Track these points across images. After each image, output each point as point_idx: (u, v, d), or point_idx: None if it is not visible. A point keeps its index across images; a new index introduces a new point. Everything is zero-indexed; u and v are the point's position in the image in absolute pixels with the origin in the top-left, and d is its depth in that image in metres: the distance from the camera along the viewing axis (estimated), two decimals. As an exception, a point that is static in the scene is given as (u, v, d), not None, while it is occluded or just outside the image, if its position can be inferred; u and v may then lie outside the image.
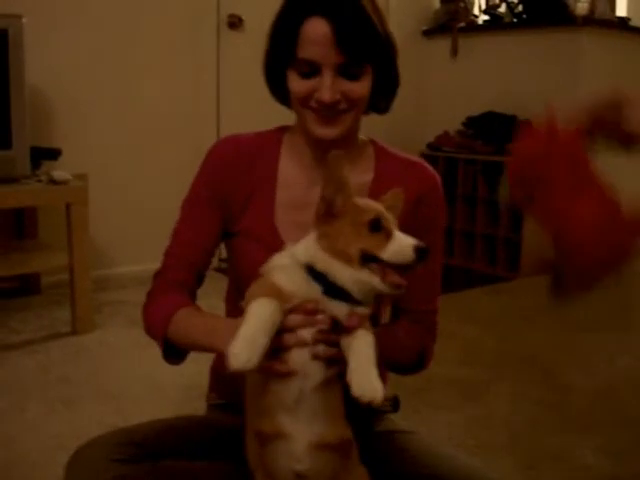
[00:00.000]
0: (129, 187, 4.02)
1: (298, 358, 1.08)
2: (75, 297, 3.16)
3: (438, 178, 1.40)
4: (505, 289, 4.26)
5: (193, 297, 1.38)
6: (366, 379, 1.01)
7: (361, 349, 1.05)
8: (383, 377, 1.46)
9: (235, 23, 4.27)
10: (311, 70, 1.24)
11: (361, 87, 1.26)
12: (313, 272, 1.08)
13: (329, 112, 1.26)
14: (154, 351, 1.33)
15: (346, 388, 1.03)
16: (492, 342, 3.27)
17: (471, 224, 4.77)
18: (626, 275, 0.95)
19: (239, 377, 1.15)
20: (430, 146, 5.02)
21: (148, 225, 4.03)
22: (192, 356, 1.34)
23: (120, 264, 4.00)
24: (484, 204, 4.69)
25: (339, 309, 1.08)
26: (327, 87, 1.23)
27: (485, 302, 3.98)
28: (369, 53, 1.25)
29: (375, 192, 1.33)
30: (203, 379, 1.55)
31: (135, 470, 1.18)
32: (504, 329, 3.48)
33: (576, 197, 0.96)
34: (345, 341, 1.07)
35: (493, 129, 4.75)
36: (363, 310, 1.09)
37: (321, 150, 1.33)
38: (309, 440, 1.09)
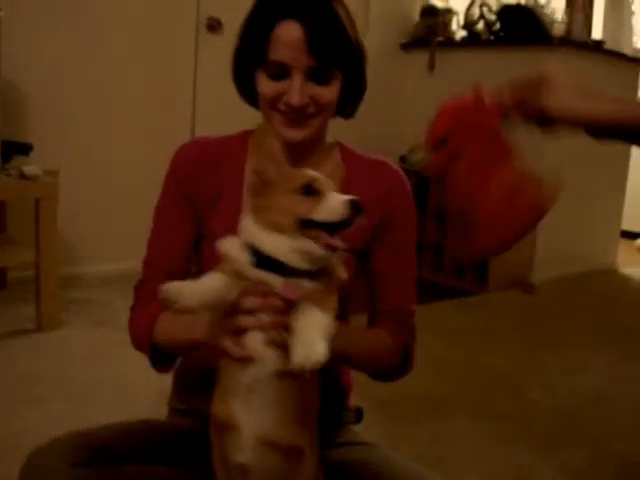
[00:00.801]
0: (101, 185, 3.99)
1: (252, 343, 1.06)
2: (41, 294, 3.13)
3: (404, 177, 1.41)
4: (473, 303, 4.28)
5: None
6: (308, 344, 0.97)
7: (305, 318, 1.01)
8: (347, 385, 1.47)
9: (214, 26, 4.27)
10: (281, 72, 1.24)
11: (330, 92, 1.27)
12: (251, 248, 1.07)
13: (297, 115, 1.26)
14: (119, 352, 1.33)
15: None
16: (458, 356, 3.28)
17: (441, 237, 4.79)
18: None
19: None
20: (403, 159, 5.04)
21: (118, 224, 4.01)
22: (158, 358, 1.33)
23: (89, 262, 3.97)
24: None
25: (275, 282, 1.05)
26: (296, 90, 1.23)
27: (452, 315, 4.00)
28: (340, 58, 1.25)
29: (343, 191, 1.34)
30: (167, 383, 1.54)
31: (94, 475, 1.16)
32: (471, 343, 3.50)
33: (487, 169, 0.98)
34: (292, 318, 1.03)
35: (466, 145, 4.78)
36: (306, 284, 1.05)
37: (290, 150, 1.34)
38: (255, 433, 1.07)
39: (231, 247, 1.09)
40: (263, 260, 1.05)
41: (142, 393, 2.55)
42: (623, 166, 5.48)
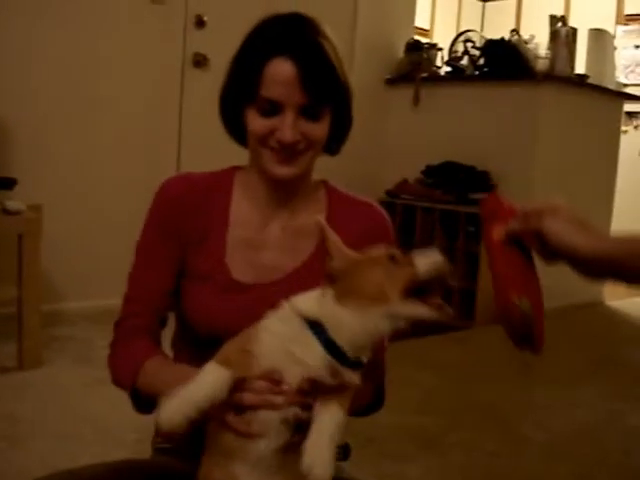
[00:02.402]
0: (84, 221, 3.97)
1: (266, 418, 1.05)
2: (23, 331, 3.08)
3: (387, 217, 1.40)
4: (461, 338, 4.26)
5: (157, 342, 1.35)
6: (319, 457, 0.98)
7: (326, 424, 1.02)
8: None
9: (200, 61, 4.28)
10: (272, 109, 1.23)
11: (321, 128, 1.27)
12: (317, 328, 1.05)
13: (288, 152, 1.25)
14: (102, 390, 1.30)
15: None
16: (448, 391, 3.25)
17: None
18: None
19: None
20: (389, 193, 5.05)
21: (101, 261, 3.98)
22: (141, 397, 1.29)
23: (71, 299, 3.93)
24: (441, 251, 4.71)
25: (332, 366, 1.04)
26: (289, 127, 1.23)
27: (441, 350, 3.98)
28: (331, 95, 1.26)
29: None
30: (151, 421, 1.51)
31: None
32: (460, 378, 3.48)
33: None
34: (317, 406, 1.03)
35: (452, 179, 4.80)
36: (354, 378, 1.06)
37: (275, 189, 1.33)
38: None
39: (281, 323, 1.07)
40: (330, 346, 1.04)
41: (125, 432, 2.50)
42: (609, 198, 5.51)
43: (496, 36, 5.02)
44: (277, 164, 1.27)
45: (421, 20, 7.02)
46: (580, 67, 5.12)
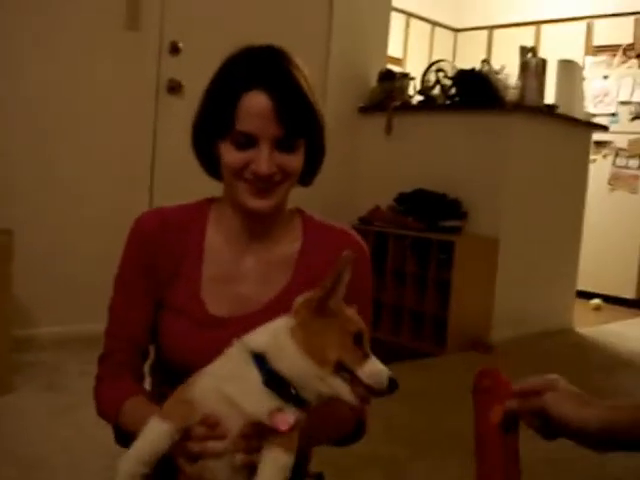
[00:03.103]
0: (56, 246, 3.94)
1: (214, 466, 1.06)
2: (-8, 357, 3.06)
3: (364, 245, 1.41)
4: (431, 365, 4.27)
5: (140, 376, 1.38)
6: None
7: (267, 474, 1.04)
8: (308, 455, 1.44)
9: (175, 88, 4.30)
10: (247, 142, 1.24)
11: (296, 159, 1.28)
12: (260, 361, 1.06)
13: (264, 184, 1.26)
14: (71, 417, 1.30)
15: None
16: (416, 419, 3.26)
17: (399, 299, 4.80)
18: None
19: None
20: (362, 220, 5.08)
21: (72, 286, 3.95)
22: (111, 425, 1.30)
23: (42, 324, 3.89)
24: (413, 279, 4.74)
25: (272, 403, 1.05)
26: (265, 160, 1.23)
27: (410, 377, 3.98)
28: (306, 127, 1.27)
29: (302, 261, 1.35)
30: (121, 448, 1.50)
31: None
32: (428, 406, 3.48)
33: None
34: (262, 451, 1.05)
35: (423, 206, 4.84)
36: (298, 415, 1.06)
37: (250, 222, 1.34)
38: None
39: (223, 363, 1.09)
40: (274, 381, 1.05)
41: (95, 458, 2.49)
42: (578, 227, 5.58)
43: (468, 66, 5.09)
44: (252, 197, 1.27)
45: (394, 49, 7.09)
46: (550, 97, 5.20)
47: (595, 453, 1.01)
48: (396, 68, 6.35)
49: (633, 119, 6.95)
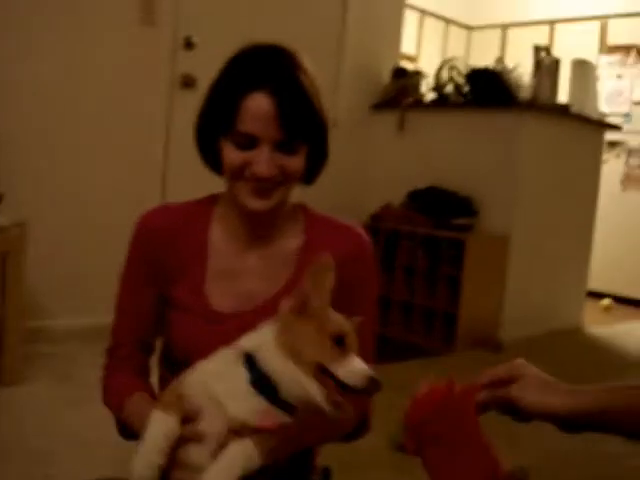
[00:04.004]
0: (69, 238, 3.97)
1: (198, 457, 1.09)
2: (4, 348, 3.08)
3: (367, 240, 1.40)
4: (441, 362, 4.28)
5: (145, 369, 1.41)
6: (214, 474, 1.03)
7: (228, 457, 1.06)
8: (314, 449, 1.45)
9: (189, 83, 4.31)
10: (248, 143, 1.24)
11: (297, 161, 1.27)
12: (250, 361, 1.08)
13: (264, 185, 1.26)
14: (83, 408, 1.32)
15: None
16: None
17: (410, 296, 4.81)
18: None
19: None
20: (373, 217, 5.08)
21: (85, 278, 3.97)
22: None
23: (54, 316, 3.92)
24: (423, 276, 4.75)
25: (258, 404, 1.06)
26: (265, 162, 1.23)
27: (420, 374, 3.98)
28: (308, 130, 1.27)
29: (305, 257, 1.35)
30: (130, 440, 1.52)
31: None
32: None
33: (461, 457, 1.04)
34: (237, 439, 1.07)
35: (435, 204, 4.84)
36: (282, 418, 1.08)
37: (251, 220, 1.34)
38: None
39: (216, 361, 1.11)
40: (260, 383, 1.06)
41: (107, 450, 2.50)
42: (589, 226, 5.57)
43: (481, 64, 5.09)
44: (252, 197, 1.27)
45: (408, 46, 7.08)
46: (563, 96, 5.18)
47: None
48: (409, 65, 6.34)
49: (646, 119, 6.93)
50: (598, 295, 6.61)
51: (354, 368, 1.05)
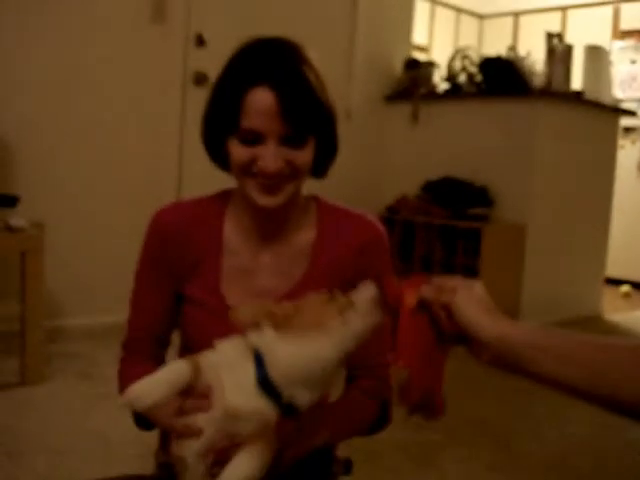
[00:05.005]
0: (87, 238, 3.99)
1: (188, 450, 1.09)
2: (25, 347, 3.11)
3: (381, 229, 1.39)
4: (457, 351, 4.26)
5: (162, 362, 1.40)
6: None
7: (235, 465, 1.05)
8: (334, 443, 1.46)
9: (201, 79, 4.32)
10: (254, 139, 1.22)
11: (304, 155, 1.25)
12: (259, 360, 1.06)
13: (272, 181, 1.24)
14: (103, 406, 1.33)
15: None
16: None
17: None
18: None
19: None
20: (389, 209, 5.08)
21: (103, 278, 4.00)
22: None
23: (74, 315, 3.95)
24: (440, 267, 4.74)
25: (258, 402, 1.05)
26: (271, 157, 1.22)
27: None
28: (313, 124, 1.25)
29: (318, 250, 1.34)
30: (153, 436, 1.53)
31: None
32: (456, 392, 3.47)
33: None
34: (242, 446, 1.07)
35: (450, 194, 4.84)
36: (280, 418, 1.07)
37: (263, 217, 1.33)
38: None
39: (231, 351, 1.10)
40: (266, 380, 1.05)
41: (128, 447, 2.53)
42: (606, 213, 5.54)
43: (493, 52, 5.07)
44: (261, 194, 1.26)
45: (419, 36, 7.06)
46: (577, 83, 5.16)
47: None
48: (422, 56, 6.33)
49: (662, 104, 6.88)
50: (616, 282, 6.58)
51: (362, 294, 1.10)
